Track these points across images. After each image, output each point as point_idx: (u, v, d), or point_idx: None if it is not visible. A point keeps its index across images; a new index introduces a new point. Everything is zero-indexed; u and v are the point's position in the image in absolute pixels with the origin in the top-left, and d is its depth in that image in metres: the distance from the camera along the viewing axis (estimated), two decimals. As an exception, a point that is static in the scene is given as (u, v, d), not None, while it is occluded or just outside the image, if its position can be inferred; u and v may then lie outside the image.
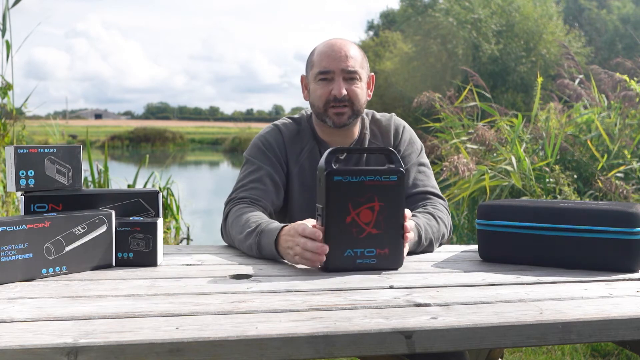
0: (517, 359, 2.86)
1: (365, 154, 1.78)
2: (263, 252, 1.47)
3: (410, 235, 1.42)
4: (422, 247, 1.57)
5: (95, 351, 0.87)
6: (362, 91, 1.73)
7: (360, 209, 1.31)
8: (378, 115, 1.86)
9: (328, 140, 1.79)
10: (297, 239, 1.35)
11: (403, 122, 1.86)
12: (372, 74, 1.82)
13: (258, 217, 1.55)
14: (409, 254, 1.52)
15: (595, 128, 4.51)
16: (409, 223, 1.39)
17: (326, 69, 1.69)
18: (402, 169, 1.34)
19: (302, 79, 1.82)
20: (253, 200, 1.66)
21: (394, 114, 1.90)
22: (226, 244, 1.70)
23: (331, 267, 1.33)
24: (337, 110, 1.70)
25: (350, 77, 1.70)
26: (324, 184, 1.31)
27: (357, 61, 1.71)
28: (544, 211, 1.42)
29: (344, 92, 1.68)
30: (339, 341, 0.94)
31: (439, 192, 1.77)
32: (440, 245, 1.66)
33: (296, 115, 1.86)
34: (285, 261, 1.44)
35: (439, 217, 1.65)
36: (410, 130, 1.86)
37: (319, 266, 1.35)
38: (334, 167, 1.31)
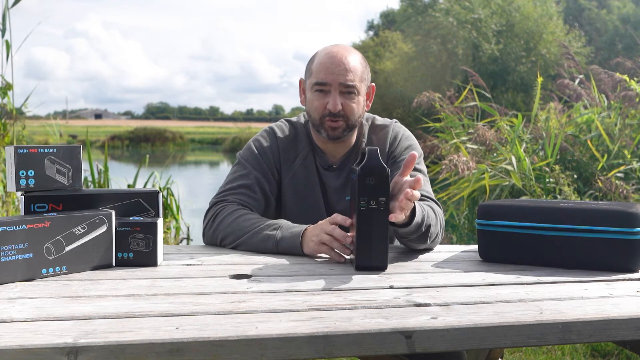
0: (517, 359, 2.86)
1: (358, 160, 1.76)
2: (282, 243, 1.50)
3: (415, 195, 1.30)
4: (419, 232, 1.47)
5: (95, 351, 0.87)
6: (359, 105, 1.69)
7: (352, 205, 1.39)
8: (379, 121, 1.82)
9: (324, 148, 1.78)
10: (326, 226, 1.43)
11: (403, 130, 1.82)
12: (373, 84, 1.78)
13: (262, 217, 1.56)
14: (404, 238, 1.49)
15: (595, 128, 4.51)
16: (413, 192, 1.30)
17: (323, 81, 1.66)
18: (359, 169, 1.32)
19: (300, 82, 1.79)
20: (242, 205, 1.65)
21: (395, 120, 1.85)
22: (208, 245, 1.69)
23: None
24: (332, 124, 1.68)
25: (348, 91, 1.66)
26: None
27: (357, 75, 1.67)
28: (544, 211, 1.42)
29: (340, 107, 1.65)
30: (339, 341, 0.94)
31: (434, 197, 1.71)
32: (431, 243, 1.57)
33: (294, 119, 1.84)
34: (286, 261, 1.44)
35: (437, 215, 1.59)
36: (411, 138, 1.81)
37: (343, 259, 1.43)
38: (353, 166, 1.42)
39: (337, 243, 1.42)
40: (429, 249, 1.63)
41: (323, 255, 1.51)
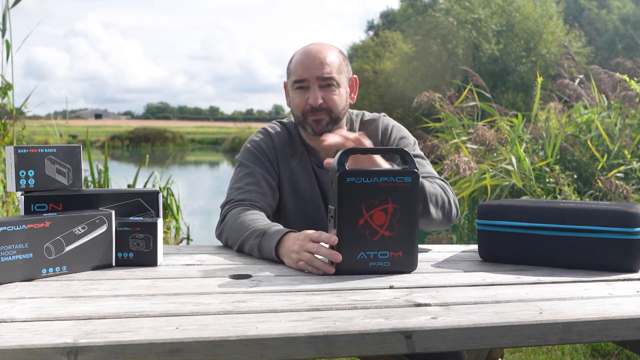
0: (517, 359, 2.86)
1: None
2: (263, 254, 1.46)
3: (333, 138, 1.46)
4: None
5: (95, 351, 0.87)
6: (341, 97, 1.70)
7: (374, 211, 1.29)
8: (368, 116, 1.84)
9: (315, 146, 1.78)
10: (307, 245, 1.33)
11: (392, 122, 1.83)
12: (355, 76, 1.79)
13: (259, 220, 1.55)
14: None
15: (595, 128, 4.51)
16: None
17: (301, 78, 1.68)
18: (416, 170, 1.31)
19: (285, 85, 1.81)
20: (252, 203, 1.66)
21: (383, 113, 1.87)
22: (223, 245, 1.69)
23: (343, 270, 1.30)
24: (315, 117, 1.69)
25: (327, 84, 1.67)
26: (336, 185, 1.28)
27: (334, 67, 1.68)
28: (544, 211, 1.42)
29: (320, 100, 1.67)
30: (339, 341, 0.94)
31: (438, 176, 1.72)
32: (443, 212, 1.59)
33: (285, 120, 1.86)
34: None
35: (438, 184, 1.62)
36: (400, 128, 1.83)
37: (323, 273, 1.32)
38: (347, 168, 1.29)
39: (319, 262, 1.31)
40: (447, 221, 1.64)
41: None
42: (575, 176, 4.19)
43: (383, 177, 1.29)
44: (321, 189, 1.79)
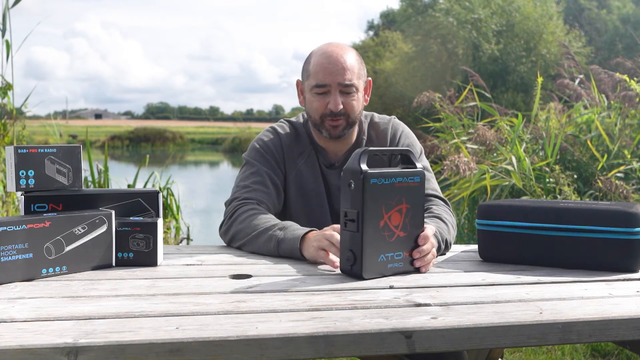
0: (517, 359, 2.86)
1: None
2: (283, 244, 1.47)
3: (427, 247, 1.34)
4: (440, 252, 1.54)
5: (95, 351, 0.87)
6: (359, 102, 1.71)
7: (391, 212, 1.28)
8: (377, 118, 1.84)
9: (325, 146, 1.79)
10: (328, 233, 1.37)
11: (402, 127, 1.83)
12: (369, 78, 1.79)
13: (275, 218, 1.57)
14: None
15: (595, 128, 4.51)
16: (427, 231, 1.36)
17: (322, 83, 1.67)
18: (421, 169, 1.33)
19: (298, 83, 1.80)
20: (259, 202, 1.66)
21: (394, 116, 1.87)
22: (225, 244, 1.69)
23: (368, 275, 1.26)
24: (332, 122, 1.69)
25: (347, 90, 1.67)
26: (360, 186, 1.23)
27: (354, 72, 1.68)
28: (544, 211, 1.42)
29: (341, 106, 1.67)
30: (339, 341, 0.94)
31: (442, 195, 1.74)
32: (451, 246, 1.63)
33: (294, 119, 1.85)
34: (286, 261, 1.44)
35: (447, 220, 1.61)
36: (409, 134, 1.83)
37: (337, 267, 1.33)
38: (369, 170, 1.25)
39: (335, 249, 1.34)
40: None
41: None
42: (575, 176, 4.19)
43: (399, 177, 1.29)
44: (327, 189, 1.79)
